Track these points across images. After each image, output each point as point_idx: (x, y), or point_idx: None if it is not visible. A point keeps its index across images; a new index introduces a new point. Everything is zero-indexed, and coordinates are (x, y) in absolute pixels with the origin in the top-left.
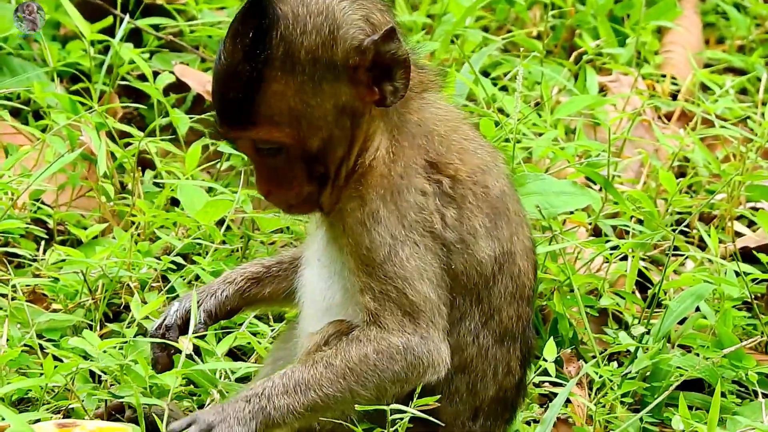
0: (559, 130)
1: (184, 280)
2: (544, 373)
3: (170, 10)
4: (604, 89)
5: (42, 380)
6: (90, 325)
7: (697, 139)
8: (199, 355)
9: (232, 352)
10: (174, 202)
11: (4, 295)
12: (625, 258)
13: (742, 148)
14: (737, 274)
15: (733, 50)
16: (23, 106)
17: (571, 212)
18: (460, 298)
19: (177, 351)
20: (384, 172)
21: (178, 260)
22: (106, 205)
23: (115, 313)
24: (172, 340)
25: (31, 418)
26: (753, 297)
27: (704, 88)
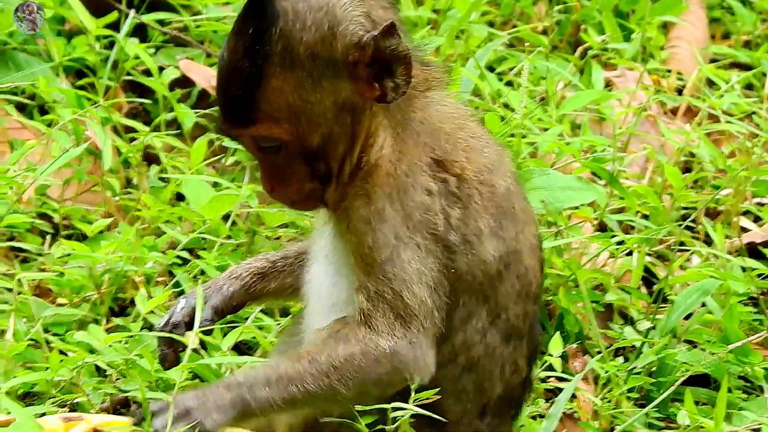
0: (565, 125)
1: (189, 274)
2: (550, 368)
3: (175, 6)
4: (609, 84)
5: (48, 374)
6: (95, 320)
7: (703, 135)
8: (205, 350)
9: (237, 347)
10: (179, 197)
11: (9, 290)
12: (631, 253)
13: (747, 144)
14: (743, 270)
15: (738, 45)
16: (29, 101)
17: (577, 207)
18: (466, 296)
19: (184, 348)
20: (390, 171)
21: (184, 255)
22: (112, 199)
23: (121, 308)
24: (179, 336)
25: (37, 412)
26: (759, 292)
27: (710, 84)
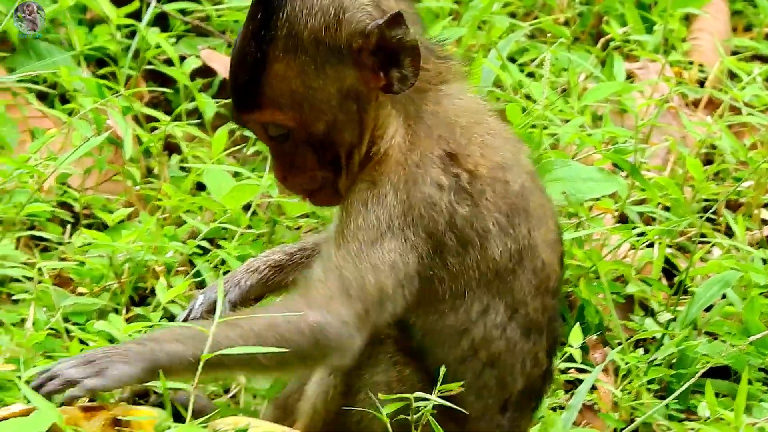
0: (586, 117)
1: (209, 264)
2: (570, 359)
3: None
4: (631, 76)
5: None
6: (116, 309)
7: (725, 127)
8: None
9: None
10: (200, 187)
11: (30, 279)
12: (652, 245)
13: None
14: (764, 262)
15: (760, 38)
16: (50, 90)
17: (598, 199)
18: (478, 290)
19: None
20: (400, 160)
21: (204, 245)
22: (133, 189)
23: (141, 297)
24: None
25: (57, 401)
26: None
27: (731, 76)
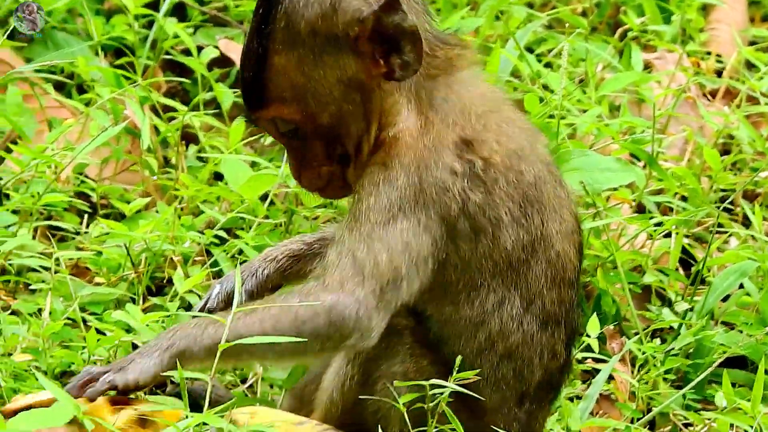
0: (604, 107)
1: (227, 254)
2: (587, 349)
3: None
4: (648, 66)
5: (85, 353)
6: (133, 299)
7: (742, 117)
8: None
9: None
10: (217, 177)
11: (47, 269)
12: (669, 235)
13: None
14: None
15: None
16: (67, 80)
17: (615, 189)
18: (489, 280)
19: None
20: (411, 144)
21: (222, 234)
22: (150, 179)
23: (158, 287)
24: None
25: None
26: None
27: (749, 66)
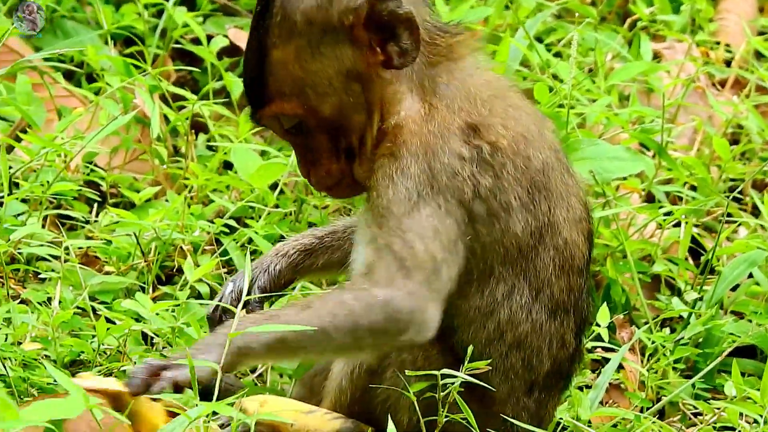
0: (613, 97)
1: (237, 243)
2: (597, 338)
3: None
4: (657, 56)
5: (94, 342)
6: (142, 288)
7: (751, 107)
8: None
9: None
10: (227, 166)
11: (57, 258)
12: (678, 224)
13: None
14: None
15: None
16: (77, 69)
17: (625, 178)
18: (502, 269)
19: None
20: (415, 130)
21: (231, 223)
22: (160, 168)
23: (168, 276)
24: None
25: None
26: None
27: (758, 56)
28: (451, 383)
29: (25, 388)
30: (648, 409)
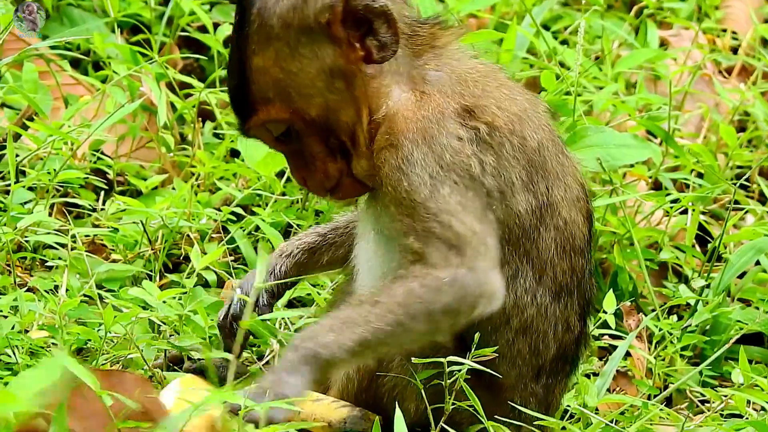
0: (620, 84)
1: (244, 231)
2: (604, 325)
3: None
4: (664, 43)
5: (101, 330)
6: (149, 276)
7: (758, 94)
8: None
9: (291, 304)
10: (234, 153)
11: (63, 246)
12: (686, 211)
13: None
14: None
15: None
16: (83, 57)
17: (632, 165)
18: (507, 250)
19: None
20: (409, 116)
21: (238, 211)
22: (166, 155)
23: (175, 264)
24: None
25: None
26: None
27: (765, 43)
28: (458, 371)
29: None
30: (655, 396)
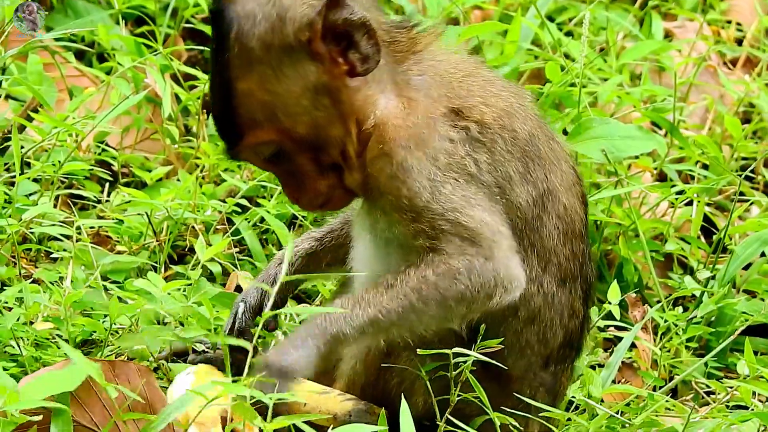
0: (625, 75)
1: (248, 222)
2: (610, 317)
3: None
4: (669, 35)
5: (106, 322)
6: (154, 267)
7: (763, 85)
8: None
9: (296, 296)
10: None
11: (68, 237)
12: (691, 203)
13: None
14: None
15: None
16: (88, 49)
17: (637, 157)
18: None
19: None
20: (399, 124)
21: (243, 203)
22: (171, 147)
23: (180, 255)
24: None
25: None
26: None
27: None
28: (464, 362)
29: (38, 368)
30: (660, 387)
